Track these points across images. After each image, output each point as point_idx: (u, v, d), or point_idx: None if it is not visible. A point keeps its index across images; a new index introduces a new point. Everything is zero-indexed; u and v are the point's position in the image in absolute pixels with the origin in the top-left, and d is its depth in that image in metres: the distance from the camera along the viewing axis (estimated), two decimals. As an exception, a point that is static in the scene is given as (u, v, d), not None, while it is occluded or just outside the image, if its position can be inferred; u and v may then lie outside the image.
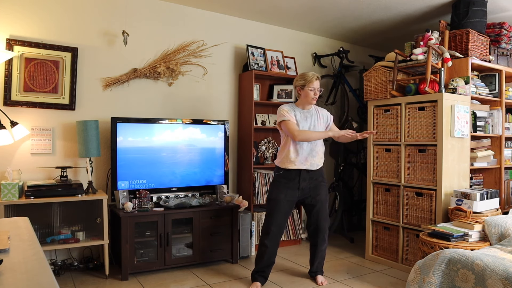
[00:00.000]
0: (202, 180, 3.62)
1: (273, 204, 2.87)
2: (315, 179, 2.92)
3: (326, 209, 3.01)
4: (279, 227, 2.88)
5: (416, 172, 3.24)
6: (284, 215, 2.89)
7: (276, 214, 2.86)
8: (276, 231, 2.87)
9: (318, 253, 3.04)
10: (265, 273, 2.94)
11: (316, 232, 3.01)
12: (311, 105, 2.94)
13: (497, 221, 2.65)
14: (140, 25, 3.58)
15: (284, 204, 2.86)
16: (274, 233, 2.86)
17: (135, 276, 3.12)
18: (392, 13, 3.91)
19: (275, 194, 2.88)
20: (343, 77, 4.54)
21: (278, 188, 2.88)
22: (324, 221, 3.00)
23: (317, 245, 3.03)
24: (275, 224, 2.86)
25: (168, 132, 3.48)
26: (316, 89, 2.84)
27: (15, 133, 2.96)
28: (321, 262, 3.08)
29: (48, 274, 1.05)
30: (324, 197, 2.98)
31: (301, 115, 2.90)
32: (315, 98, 2.87)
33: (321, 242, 3.02)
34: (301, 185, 2.87)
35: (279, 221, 2.87)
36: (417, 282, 2.28)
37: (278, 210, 2.86)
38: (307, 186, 2.90)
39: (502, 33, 3.53)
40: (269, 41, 4.29)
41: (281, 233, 2.93)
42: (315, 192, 2.93)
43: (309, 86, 2.83)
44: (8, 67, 3.02)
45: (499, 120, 3.52)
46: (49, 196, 2.85)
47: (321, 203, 2.96)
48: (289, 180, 2.87)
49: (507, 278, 1.90)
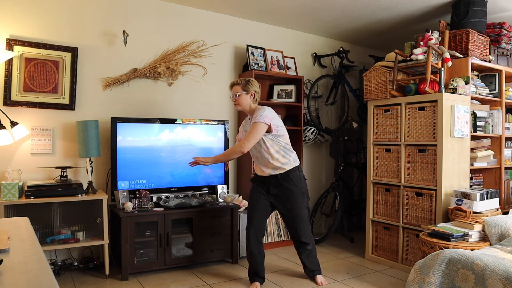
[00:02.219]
0: (202, 180, 3.62)
1: (251, 205, 2.96)
2: (285, 186, 2.87)
3: (302, 215, 2.92)
4: (258, 226, 2.92)
5: (416, 172, 3.24)
6: (262, 214, 2.93)
7: (254, 215, 2.92)
8: (255, 230, 2.91)
9: (305, 255, 3.02)
10: (260, 272, 2.94)
11: (296, 238, 3.00)
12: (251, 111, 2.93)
13: (497, 221, 2.65)
14: (140, 25, 3.58)
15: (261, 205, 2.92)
16: (254, 232, 2.90)
17: (135, 276, 3.12)
18: (392, 13, 3.91)
19: (251, 193, 2.99)
20: (343, 77, 4.53)
21: (254, 188, 2.99)
22: (300, 226, 2.93)
23: (299, 250, 3.03)
24: (254, 224, 2.91)
25: (168, 132, 3.48)
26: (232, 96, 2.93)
27: (15, 133, 2.96)
28: (314, 261, 3.05)
29: (48, 274, 1.05)
30: (297, 205, 2.90)
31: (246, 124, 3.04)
32: (236, 104, 2.91)
33: (303, 246, 2.99)
34: (271, 191, 2.91)
35: (257, 221, 2.92)
36: (417, 282, 2.28)
37: (255, 211, 2.92)
38: (277, 194, 2.90)
39: (502, 33, 3.53)
40: (269, 41, 4.29)
41: (262, 232, 2.97)
42: (288, 203, 2.90)
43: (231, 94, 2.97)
44: (8, 67, 3.02)
45: (499, 120, 3.52)
46: (49, 196, 2.85)
47: (295, 212, 2.90)
48: (262, 184, 2.94)
49: (507, 278, 1.90)
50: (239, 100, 2.87)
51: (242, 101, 2.88)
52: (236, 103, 2.90)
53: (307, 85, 4.52)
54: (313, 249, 3.04)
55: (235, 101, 2.90)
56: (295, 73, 4.27)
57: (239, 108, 2.91)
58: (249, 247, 2.91)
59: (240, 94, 2.87)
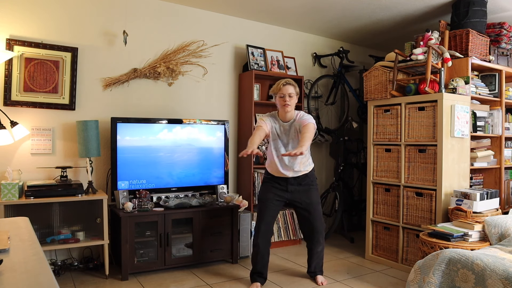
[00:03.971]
0: (202, 180, 3.62)
1: (263, 203, 2.92)
2: (304, 184, 2.91)
3: (318, 211, 2.97)
4: (268, 225, 2.91)
5: (416, 172, 3.24)
6: (273, 213, 2.91)
7: (265, 213, 2.89)
8: (265, 229, 2.89)
9: (314, 255, 3.04)
10: (263, 273, 2.94)
11: (311, 235, 3.00)
12: (290, 114, 2.83)
13: (497, 221, 2.65)
14: (140, 25, 3.58)
15: (274, 203, 2.89)
16: (264, 231, 2.89)
17: (135, 276, 3.12)
18: (392, 13, 3.91)
19: (265, 193, 2.93)
20: (343, 77, 4.54)
21: (268, 188, 2.92)
22: (317, 223, 2.96)
23: (312, 248, 3.03)
24: (264, 222, 2.89)
25: (168, 132, 3.48)
26: (286, 95, 2.77)
27: (15, 133, 2.96)
28: (319, 263, 3.08)
29: (48, 274, 1.05)
30: (315, 200, 2.94)
31: (281, 129, 2.85)
32: (287, 105, 2.77)
33: (316, 244, 3.00)
34: (290, 188, 2.89)
35: (268, 220, 2.90)
36: (417, 282, 2.28)
37: (267, 209, 2.89)
38: (296, 189, 2.90)
39: (502, 33, 3.53)
40: (269, 41, 4.29)
41: (271, 231, 2.96)
42: (306, 197, 2.91)
43: (279, 94, 2.80)
44: (8, 67, 3.02)
45: (499, 120, 3.52)
46: (49, 196, 2.85)
47: (313, 206, 2.93)
48: (277, 183, 2.90)
49: (507, 278, 1.90)
50: (292, 101, 2.78)
51: (293, 103, 2.80)
52: (289, 103, 2.77)
53: (307, 85, 4.53)
54: (322, 249, 3.06)
55: (288, 101, 2.76)
56: (295, 73, 4.27)
57: (289, 109, 2.78)
58: (257, 247, 2.89)
59: (293, 95, 2.78)
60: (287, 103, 2.76)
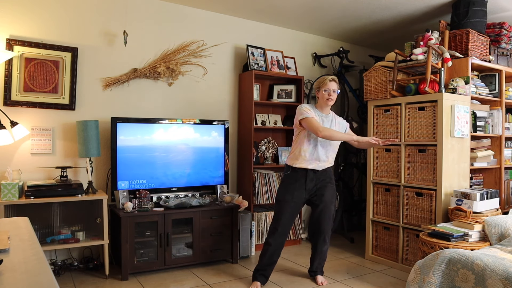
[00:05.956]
0: (202, 180, 3.62)
1: (281, 205, 2.90)
2: (322, 179, 2.93)
3: (330, 210, 2.98)
4: (285, 227, 2.90)
5: (416, 172, 3.24)
6: (290, 216, 2.90)
7: (282, 214, 2.88)
8: (281, 231, 2.88)
9: (318, 254, 3.05)
10: (266, 272, 2.94)
11: (317, 233, 3.01)
12: (328, 108, 2.99)
13: (497, 221, 2.65)
14: (140, 25, 3.58)
15: (291, 205, 2.88)
16: (279, 232, 2.88)
17: (135, 276, 3.12)
18: (392, 13, 3.91)
19: (283, 195, 2.91)
20: (343, 77, 4.54)
21: (286, 189, 2.91)
22: (325, 222, 2.98)
23: (317, 246, 3.04)
24: (281, 224, 2.88)
25: (168, 132, 3.48)
26: (330, 90, 2.90)
27: (15, 133, 2.96)
28: (321, 262, 3.08)
29: (48, 274, 1.05)
30: (329, 198, 2.96)
31: (320, 118, 2.94)
32: (330, 99, 2.91)
33: (322, 243, 3.01)
34: (308, 186, 2.89)
35: (285, 222, 2.89)
36: (417, 282, 2.28)
37: (284, 211, 2.88)
38: (314, 187, 2.91)
39: (502, 33, 3.53)
40: (269, 41, 4.29)
41: (286, 234, 2.94)
42: (321, 192, 2.93)
43: (324, 88, 2.90)
44: (8, 67, 3.02)
45: (499, 120, 3.52)
46: (49, 196, 2.84)
47: (325, 203, 2.94)
48: (295, 181, 2.89)
49: (507, 278, 1.90)
50: (334, 96, 2.93)
51: (334, 98, 2.94)
52: (332, 98, 2.92)
53: (307, 85, 4.52)
54: (327, 249, 3.07)
55: (331, 96, 2.91)
56: (295, 73, 4.27)
57: (331, 103, 2.95)
58: (268, 245, 2.89)
59: (336, 91, 2.93)
60: (331, 98, 2.91)
